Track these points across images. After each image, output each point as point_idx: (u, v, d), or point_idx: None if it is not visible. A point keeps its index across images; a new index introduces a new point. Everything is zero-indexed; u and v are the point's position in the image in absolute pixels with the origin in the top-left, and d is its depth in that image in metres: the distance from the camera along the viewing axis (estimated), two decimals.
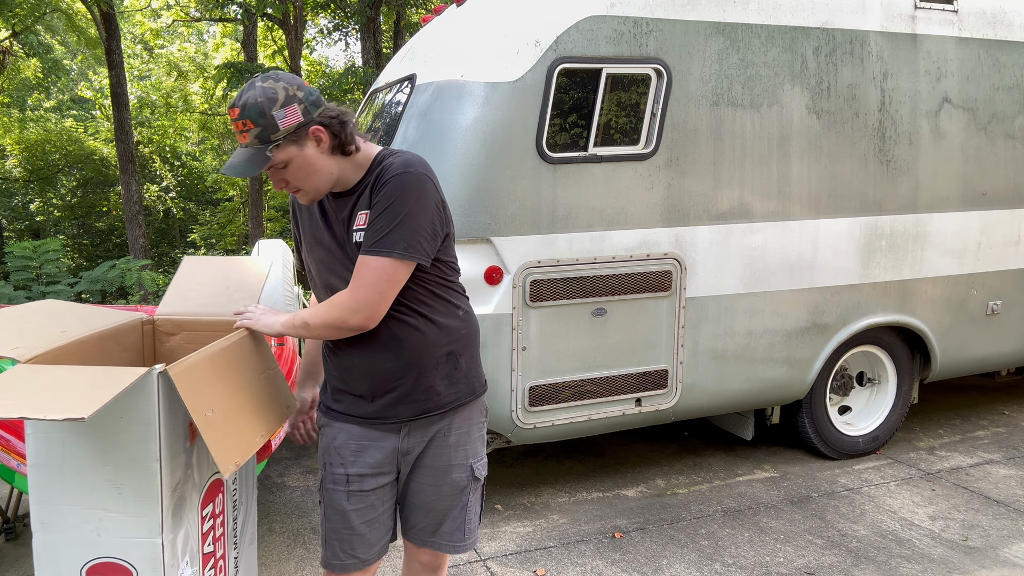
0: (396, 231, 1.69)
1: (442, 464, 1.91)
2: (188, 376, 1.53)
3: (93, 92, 18.79)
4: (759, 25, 3.64)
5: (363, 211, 1.74)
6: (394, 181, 1.70)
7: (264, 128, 1.64)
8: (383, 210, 1.70)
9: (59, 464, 1.56)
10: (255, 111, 1.64)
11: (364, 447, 1.86)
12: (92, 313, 1.96)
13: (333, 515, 1.88)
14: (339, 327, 1.73)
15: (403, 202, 1.69)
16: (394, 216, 1.69)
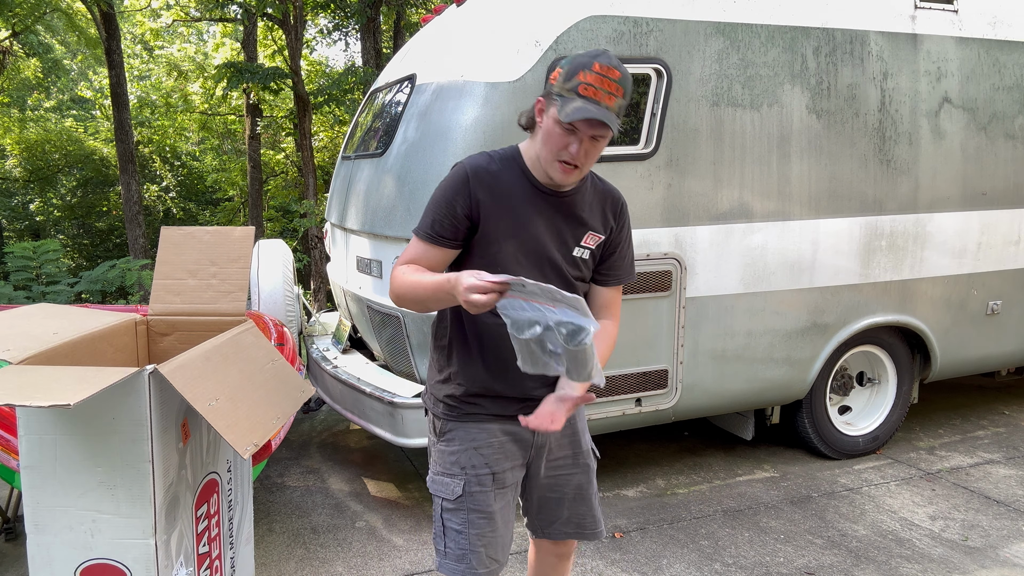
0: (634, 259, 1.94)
1: (575, 451, 1.97)
2: (182, 373, 1.53)
3: (93, 92, 18.80)
4: (759, 25, 3.63)
5: (596, 234, 1.83)
6: (627, 211, 1.90)
7: (625, 105, 1.67)
8: (629, 242, 1.91)
9: (52, 466, 1.55)
10: (628, 85, 1.66)
11: (504, 443, 1.87)
12: (86, 315, 1.95)
13: (480, 520, 1.84)
14: (616, 338, 1.94)
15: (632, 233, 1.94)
16: (631, 248, 1.93)
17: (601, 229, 1.83)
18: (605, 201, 1.85)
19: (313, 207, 10.05)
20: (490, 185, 1.75)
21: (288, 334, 3.66)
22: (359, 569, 3.17)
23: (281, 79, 11.36)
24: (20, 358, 1.58)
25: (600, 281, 1.90)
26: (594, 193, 1.84)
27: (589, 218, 1.82)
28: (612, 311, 1.92)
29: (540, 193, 1.78)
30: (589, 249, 1.83)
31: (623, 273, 1.91)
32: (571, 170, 1.69)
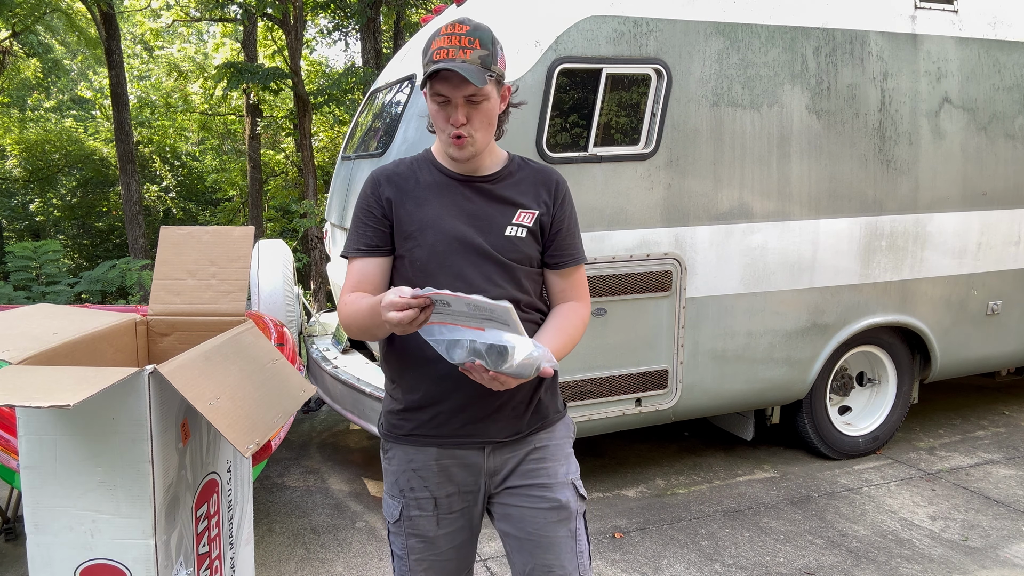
0: (581, 240, 1.84)
1: (545, 482, 1.73)
2: (182, 373, 1.52)
3: (93, 92, 18.80)
4: (759, 25, 3.63)
5: (528, 210, 1.72)
6: (566, 189, 1.81)
7: (488, 56, 1.59)
8: (576, 220, 1.82)
9: (52, 466, 1.55)
10: (487, 36, 1.60)
11: (447, 467, 1.71)
12: (86, 316, 1.95)
13: (418, 545, 1.72)
14: (584, 327, 1.80)
15: (576, 213, 1.86)
16: (578, 226, 1.83)
17: (533, 205, 1.73)
18: (538, 181, 1.77)
19: (313, 207, 10.05)
20: (398, 184, 1.72)
21: (288, 334, 3.66)
22: (359, 569, 3.16)
23: (281, 79, 11.36)
24: (20, 358, 1.58)
25: (553, 264, 1.77)
26: (525, 175, 1.77)
27: (518, 197, 1.73)
28: (575, 293, 1.80)
29: (455, 182, 1.71)
30: (525, 227, 1.71)
31: (576, 252, 1.79)
32: (462, 140, 1.62)
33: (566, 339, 1.71)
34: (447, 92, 1.58)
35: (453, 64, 1.55)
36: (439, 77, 1.57)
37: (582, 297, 1.80)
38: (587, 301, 1.81)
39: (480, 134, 1.65)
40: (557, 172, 1.81)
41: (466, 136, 1.63)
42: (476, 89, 1.58)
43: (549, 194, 1.76)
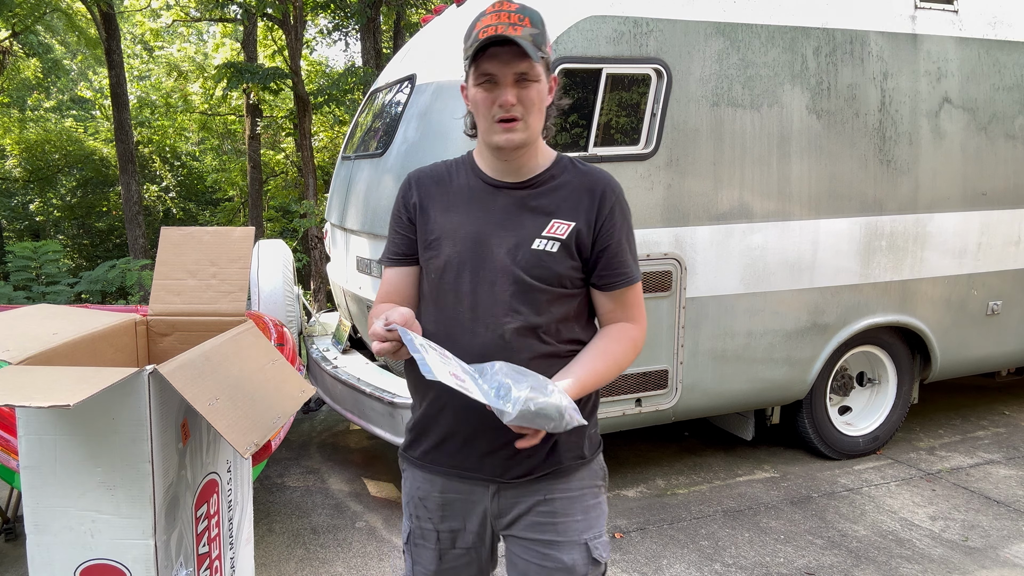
0: (636, 257, 1.61)
1: (553, 539, 1.55)
2: (182, 373, 1.52)
3: (93, 92, 18.80)
4: (759, 25, 3.63)
5: (564, 221, 1.50)
6: (621, 204, 1.56)
7: (539, 35, 1.44)
8: (628, 233, 1.57)
9: (51, 466, 1.55)
10: (537, 17, 1.46)
11: (452, 501, 1.59)
12: (86, 316, 1.95)
13: (421, 572, 1.65)
14: (635, 353, 1.59)
15: (631, 226, 1.60)
16: (632, 242, 1.60)
17: (571, 216, 1.50)
18: (583, 187, 1.53)
19: (313, 207, 10.04)
20: (429, 187, 1.59)
21: (288, 334, 3.66)
22: (359, 569, 3.16)
23: (281, 79, 11.36)
24: (20, 358, 1.57)
25: (600, 286, 1.55)
26: (568, 179, 1.54)
27: (555, 205, 1.51)
28: (625, 314, 1.57)
29: (491, 188, 1.53)
30: (557, 240, 1.48)
31: (628, 272, 1.55)
32: (512, 125, 1.44)
33: (607, 363, 1.50)
34: (495, 70, 1.42)
35: (499, 36, 1.39)
36: (487, 55, 1.41)
37: (635, 318, 1.58)
38: (641, 322, 1.58)
39: (532, 119, 1.46)
40: (608, 177, 1.57)
41: (517, 119, 1.44)
42: (529, 65, 1.42)
43: (593, 203, 1.52)
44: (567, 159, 1.58)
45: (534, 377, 1.32)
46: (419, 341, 1.31)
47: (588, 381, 1.46)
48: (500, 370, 1.32)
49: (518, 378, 1.30)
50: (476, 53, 1.42)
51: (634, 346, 1.55)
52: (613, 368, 1.51)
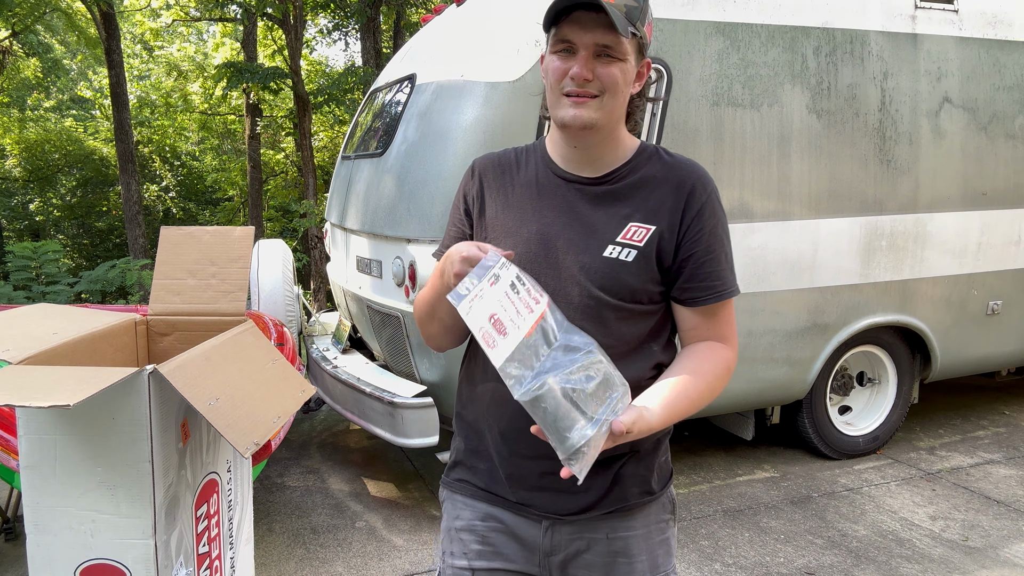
0: (734, 265, 1.37)
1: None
2: (181, 373, 1.52)
3: (93, 92, 18.80)
4: (759, 25, 3.63)
5: (643, 225, 1.29)
6: (713, 203, 1.35)
7: (637, 9, 1.23)
8: (721, 238, 1.33)
9: (51, 466, 1.55)
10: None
11: (493, 534, 1.38)
12: (86, 315, 1.95)
13: None
14: (726, 383, 1.35)
15: (726, 229, 1.36)
16: (727, 248, 1.35)
17: (651, 219, 1.28)
18: (669, 182, 1.32)
19: (313, 207, 10.05)
20: (496, 175, 1.40)
21: (288, 334, 3.66)
22: (359, 569, 3.16)
23: (281, 79, 11.36)
24: (20, 358, 1.57)
25: (685, 300, 1.32)
26: (652, 173, 1.33)
27: (633, 205, 1.29)
28: (713, 332, 1.33)
29: (562, 182, 1.33)
30: (634, 248, 1.27)
31: (719, 285, 1.31)
32: (582, 101, 1.23)
33: (699, 389, 1.26)
34: (574, 37, 1.21)
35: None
36: (569, 18, 1.21)
37: (726, 337, 1.34)
38: (733, 343, 1.35)
39: (610, 100, 1.24)
40: (700, 171, 1.38)
41: (591, 95, 1.23)
42: (615, 40, 1.20)
43: (680, 202, 1.31)
44: (652, 148, 1.38)
45: (614, 386, 1.13)
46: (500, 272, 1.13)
47: (678, 407, 1.23)
48: (584, 353, 1.12)
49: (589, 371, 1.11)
50: (557, 16, 1.21)
51: (727, 370, 1.32)
52: (706, 394, 1.27)
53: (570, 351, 1.12)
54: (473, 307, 1.10)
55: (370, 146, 4.10)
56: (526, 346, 1.10)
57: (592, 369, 1.11)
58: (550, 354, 1.11)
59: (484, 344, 1.08)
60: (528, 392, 1.07)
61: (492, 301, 1.10)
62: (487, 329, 1.09)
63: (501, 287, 1.12)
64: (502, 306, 1.11)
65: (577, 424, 1.08)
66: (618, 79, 1.23)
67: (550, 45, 1.25)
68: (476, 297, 1.10)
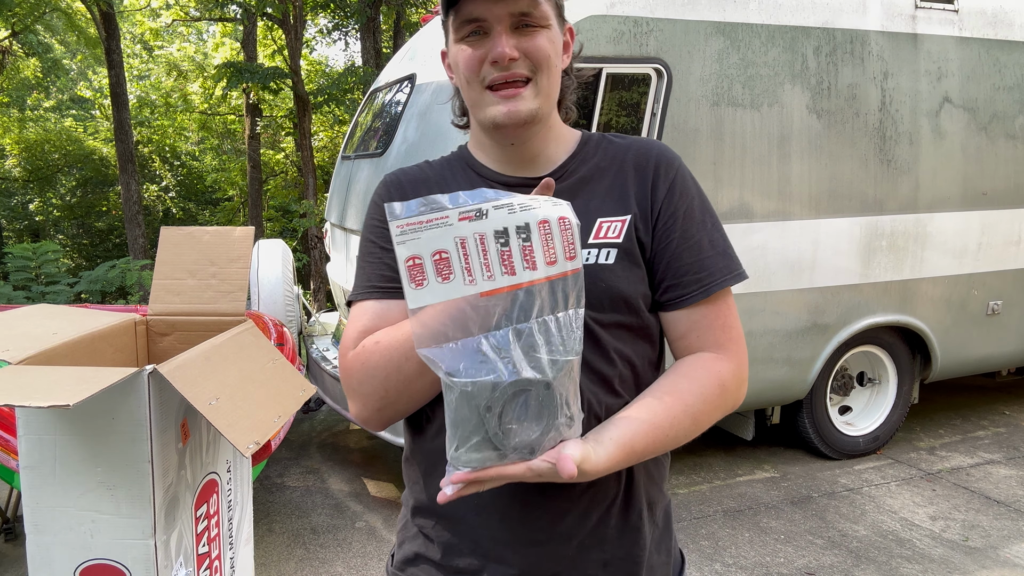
0: (730, 247, 1.09)
1: None
2: (181, 373, 1.52)
3: (92, 92, 18.80)
4: (759, 25, 3.63)
5: (613, 218, 1.05)
6: (684, 178, 1.09)
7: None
8: (700, 216, 1.08)
9: (51, 466, 1.55)
10: None
11: None
12: (85, 316, 1.95)
13: None
14: (731, 407, 1.04)
15: (706, 207, 1.10)
16: (711, 228, 1.08)
17: (621, 207, 1.06)
18: (628, 164, 1.09)
19: (313, 207, 10.05)
20: (409, 192, 1.13)
21: (288, 334, 3.66)
22: (359, 569, 3.16)
23: (281, 79, 11.36)
24: (19, 358, 1.57)
25: (665, 303, 1.06)
26: (608, 160, 1.10)
27: (598, 199, 1.07)
28: (704, 339, 1.05)
29: (502, 188, 1.02)
30: (613, 246, 1.03)
31: (699, 278, 1.04)
32: (514, 90, 1.00)
33: (669, 414, 0.97)
34: (482, 12, 0.99)
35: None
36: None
37: (720, 344, 1.04)
38: (732, 350, 1.05)
39: (544, 79, 1.02)
40: (658, 147, 1.11)
41: (521, 80, 1.01)
42: (531, 3, 0.99)
43: (645, 183, 1.07)
44: (597, 136, 1.15)
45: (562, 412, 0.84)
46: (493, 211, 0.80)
47: (641, 442, 0.94)
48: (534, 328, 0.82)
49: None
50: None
51: (720, 389, 1.01)
52: (686, 424, 0.98)
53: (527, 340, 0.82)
54: (418, 235, 0.79)
55: (370, 146, 4.10)
56: (477, 305, 0.80)
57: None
58: (501, 334, 0.81)
59: (407, 278, 0.79)
60: (513, 373, 0.80)
61: (449, 237, 0.79)
62: (423, 263, 0.79)
63: (479, 227, 0.80)
64: (464, 248, 0.80)
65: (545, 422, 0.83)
66: (548, 50, 1.01)
67: (453, 32, 1.03)
68: (430, 224, 0.79)
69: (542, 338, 0.82)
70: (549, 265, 0.82)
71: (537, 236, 0.81)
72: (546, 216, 0.82)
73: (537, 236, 0.81)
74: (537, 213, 0.81)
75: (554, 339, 0.83)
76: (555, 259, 0.82)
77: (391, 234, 0.79)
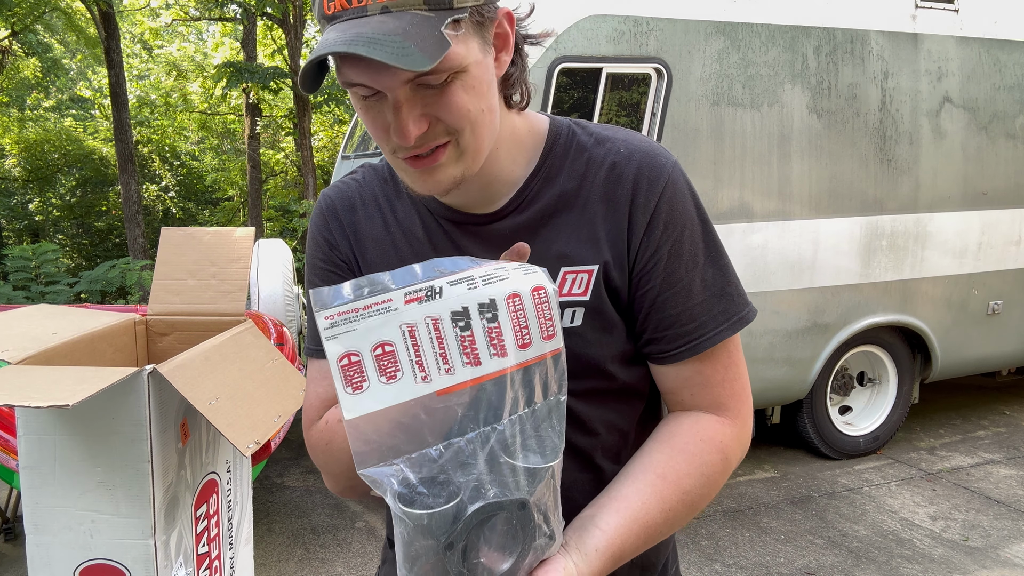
0: (733, 282, 0.90)
1: None
2: (181, 373, 1.52)
3: (92, 92, 18.80)
4: (759, 24, 3.63)
5: (579, 267, 0.86)
6: (671, 200, 0.86)
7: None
8: (689, 259, 0.87)
9: (51, 466, 1.55)
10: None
11: None
12: (85, 316, 1.95)
13: None
14: (725, 479, 0.93)
15: (701, 236, 0.89)
16: (706, 266, 0.88)
17: (589, 252, 0.86)
18: (598, 186, 0.87)
19: (313, 207, 10.04)
20: (356, 224, 0.94)
21: (288, 334, 3.65)
22: (359, 569, 3.16)
23: (281, 79, 11.36)
24: (19, 358, 1.57)
25: (653, 355, 0.90)
26: (578, 179, 0.88)
27: (563, 239, 0.87)
28: (700, 397, 0.90)
29: (452, 227, 0.90)
30: (579, 305, 0.86)
31: (690, 330, 0.87)
32: (429, 160, 0.79)
33: (663, 505, 0.87)
34: (368, 80, 0.74)
35: (347, 29, 0.72)
36: (341, 57, 0.73)
37: (721, 403, 0.89)
38: (735, 408, 0.90)
39: (467, 136, 0.79)
40: (643, 156, 0.87)
41: (441, 147, 0.79)
42: (431, 59, 0.70)
43: (622, 211, 0.86)
44: (566, 137, 0.90)
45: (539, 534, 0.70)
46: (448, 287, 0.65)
47: (624, 549, 0.82)
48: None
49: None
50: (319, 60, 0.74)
51: (723, 460, 0.90)
52: (678, 510, 0.89)
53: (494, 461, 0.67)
54: (354, 325, 0.64)
55: (370, 146, 4.10)
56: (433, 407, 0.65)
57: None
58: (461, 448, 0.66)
59: (341, 383, 0.64)
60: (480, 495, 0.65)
61: (394, 325, 0.64)
62: (361, 360, 0.64)
63: (432, 309, 0.65)
64: (414, 337, 0.65)
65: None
66: (467, 105, 0.77)
67: (342, 84, 0.77)
68: (369, 311, 0.64)
69: (517, 441, 0.67)
70: (522, 349, 0.67)
71: (506, 314, 0.66)
72: (516, 289, 0.66)
73: (506, 314, 0.66)
74: (504, 286, 0.66)
75: (531, 441, 0.68)
76: (529, 340, 0.67)
77: (318, 328, 0.64)
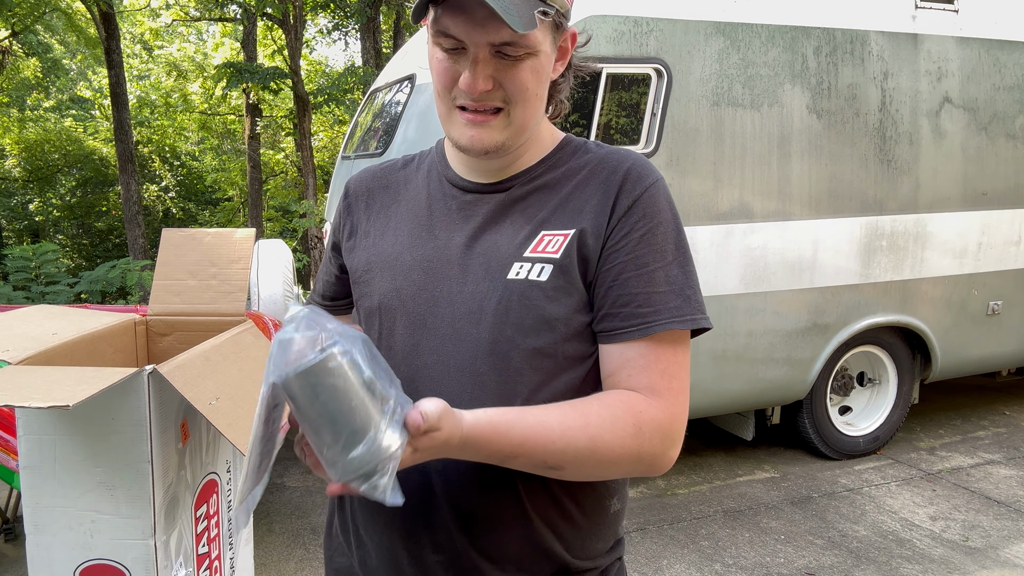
0: (695, 289, 0.98)
1: None
2: (181, 373, 1.52)
3: (92, 92, 18.80)
4: (759, 24, 3.63)
5: (557, 231, 0.95)
6: (653, 199, 0.96)
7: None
8: (660, 244, 0.94)
9: (51, 466, 1.55)
10: None
11: None
12: (85, 316, 1.95)
13: None
14: (647, 464, 0.91)
15: (673, 238, 0.96)
16: (673, 264, 0.95)
17: (570, 220, 0.95)
18: (596, 175, 0.98)
19: (313, 207, 10.04)
20: (375, 194, 1.08)
21: None
22: None
23: (281, 79, 11.36)
24: (19, 358, 1.57)
25: (599, 332, 0.94)
26: (576, 168, 1.00)
27: (550, 209, 0.97)
28: (638, 379, 0.92)
29: (458, 193, 1.02)
30: (549, 261, 0.92)
31: (640, 314, 0.92)
32: (483, 118, 0.91)
33: (564, 423, 0.86)
34: (460, 32, 0.87)
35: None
36: (448, 4, 0.87)
37: (658, 390, 0.91)
38: (665, 397, 0.92)
39: (519, 111, 0.92)
40: (634, 161, 0.99)
41: (493, 110, 0.91)
42: (513, 35, 0.86)
43: (608, 196, 0.95)
44: (578, 142, 1.05)
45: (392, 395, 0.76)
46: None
47: (512, 431, 0.84)
48: None
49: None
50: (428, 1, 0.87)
51: (635, 426, 0.88)
52: (578, 436, 0.86)
53: None
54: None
55: (370, 146, 4.10)
56: None
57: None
58: None
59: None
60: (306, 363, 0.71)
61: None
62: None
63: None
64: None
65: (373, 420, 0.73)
66: (528, 84, 0.90)
67: (432, 36, 0.92)
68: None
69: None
70: None
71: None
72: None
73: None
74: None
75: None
76: None
77: None
